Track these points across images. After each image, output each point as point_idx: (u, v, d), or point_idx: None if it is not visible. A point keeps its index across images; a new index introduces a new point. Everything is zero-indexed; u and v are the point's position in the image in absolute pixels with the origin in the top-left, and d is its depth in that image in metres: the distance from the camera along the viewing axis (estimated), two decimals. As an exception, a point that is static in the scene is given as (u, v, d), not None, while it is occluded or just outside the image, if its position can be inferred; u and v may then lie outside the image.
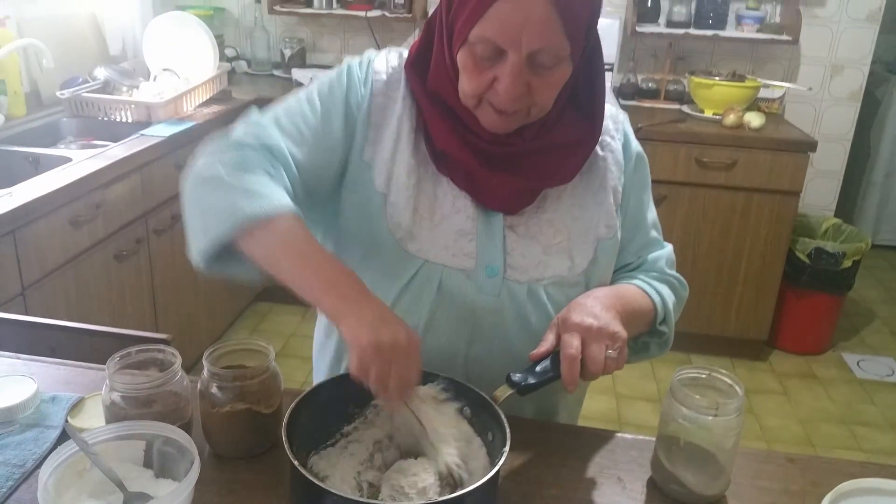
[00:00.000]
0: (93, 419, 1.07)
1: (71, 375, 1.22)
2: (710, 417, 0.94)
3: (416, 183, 1.11)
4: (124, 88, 2.99)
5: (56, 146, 2.70)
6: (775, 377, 3.39)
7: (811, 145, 3.16)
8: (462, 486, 0.91)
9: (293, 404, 0.95)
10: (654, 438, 1.04)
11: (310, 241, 0.99)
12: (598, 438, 1.12)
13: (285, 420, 0.92)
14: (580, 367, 0.97)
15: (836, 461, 1.10)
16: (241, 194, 0.98)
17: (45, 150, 2.52)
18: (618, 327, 1.01)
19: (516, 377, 1.00)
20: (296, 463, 0.85)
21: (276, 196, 0.99)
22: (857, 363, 3.53)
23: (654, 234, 1.26)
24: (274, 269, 0.98)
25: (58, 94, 2.84)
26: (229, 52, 3.87)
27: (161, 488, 0.92)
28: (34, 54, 2.83)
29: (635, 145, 1.23)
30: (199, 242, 1.01)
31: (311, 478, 0.85)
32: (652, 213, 1.26)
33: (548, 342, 1.01)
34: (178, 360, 1.02)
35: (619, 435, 1.13)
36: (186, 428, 0.99)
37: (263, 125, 1.09)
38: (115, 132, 2.72)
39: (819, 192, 3.91)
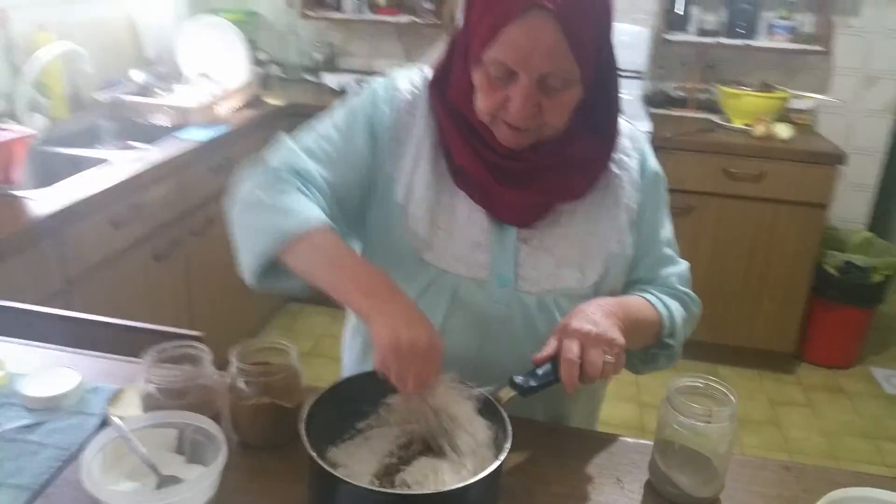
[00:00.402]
0: (130, 408, 1.14)
1: (111, 368, 1.30)
2: (704, 424, 0.99)
3: (434, 196, 1.18)
4: (160, 91, 3.09)
5: (95, 147, 2.79)
6: (801, 390, 3.40)
7: (840, 158, 3.15)
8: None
9: (312, 399, 1.01)
10: (652, 443, 1.08)
11: (343, 250, 1.07)
12: (600, 441, 1.17)
13: (304, 413, 0.98)
14: (579, 370, 1.02)
15: (831, 470, 1.14)
16: (279, 214, 1.07)
17: (85, 151, 2.61)
18: (616, 334, 1.05)
19: (518, 379, 1.05)
20: (313, 453, 0.91)
21: (310, 212, 1.08)
22: (887, 378, 3.51)
23: (667, 251, 1.29)
24: (313, 278, 1.06)
25: (96, 96, 2.95)
26: (261, 56, 3.94)
27: (191, 472, 0.99)
28: (75, 58, 2.94)
29: (652, 164, 1.27)
30: (247, 261, 1.11)
31: (325, 466, 0.91)
32: (667, 231, 1.30)
33: (550, 347, 1.06)
34: (209, 357, 1.10)
35: (620, 439, 1.18)
36: (216, 419, 1.05)
37: (295, 151, 1.18)
38: (152, 134, 2.82)
39: (851, 205, 3.88)
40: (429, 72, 1.23)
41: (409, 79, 1.24)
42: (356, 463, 1.02)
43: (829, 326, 3.49)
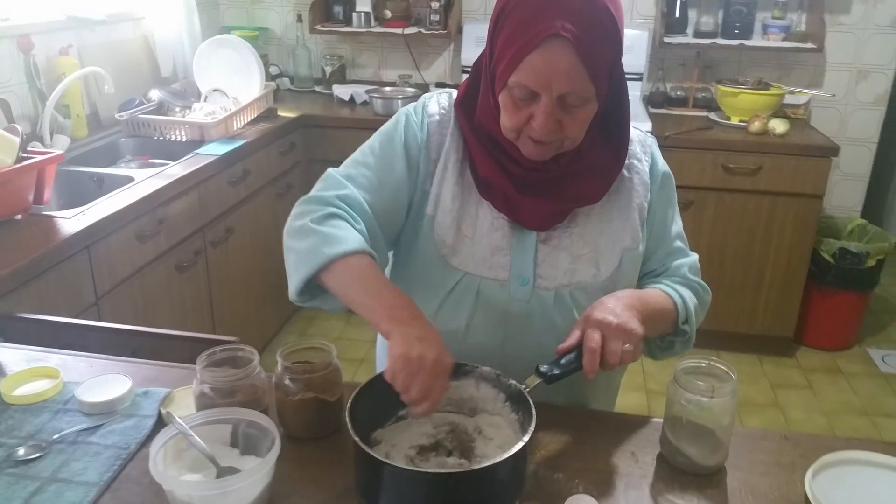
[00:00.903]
0: (181, 409, 1.24)
1: (156, 373, 1.40)
2: (708, 399, 1.09)
3: (459, 206, 1.29)
4: (177, 109, 3.19)
5: (117, 165, 2.90)
6: (801, 372, 3.50)
7: (833, 150, 3.25)
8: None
9: (356, 391, 1.12)
10: (662, 420, 1.19)
11: (377, 275, 1.17)
12: (614, 421, 1.28)
13: (349, 403, 1.08)
14: (600, 359, 1.12)
15: (826, 437, 1.25)
16: (323, 240, 1.18)
17: (108, 169, 2.71)
18: (635, 325, 1.15)
19: (543, 368, 1.15)
20: (356, 438, 1.02)
21: (351, 239, 1.18)
22: (882, 358, 3.62)
23: (678, 244, 1.40)
24: (347, 300, 1.17)
25: (116, 115, 3.05)
26: (273, 70, 4.05)
27: (246, 463, 1.08)
28: (93, 78, 3.04)
29: (661, 166, 1.38)
30: (293, 281, 1.22)
31: (365, 447, 1.01)
32: (677, 226, 1.41)
33: (573, 338, 1.16)
34: (257, 358, 1.20)
35: (633, 417, 1.29)
36: (264, 414, 1.15)
37: (339, 180, 1.28)
38: (171, 150, 2.92)
39: (845, 194, 3.99)
40: (454, 93, 1.34)
41: (438, 101, 1.35)
42: (395, 446, 1.12)
43: (827, 311, 3.60)
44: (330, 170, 1.31)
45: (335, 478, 1.11)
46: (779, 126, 3.33)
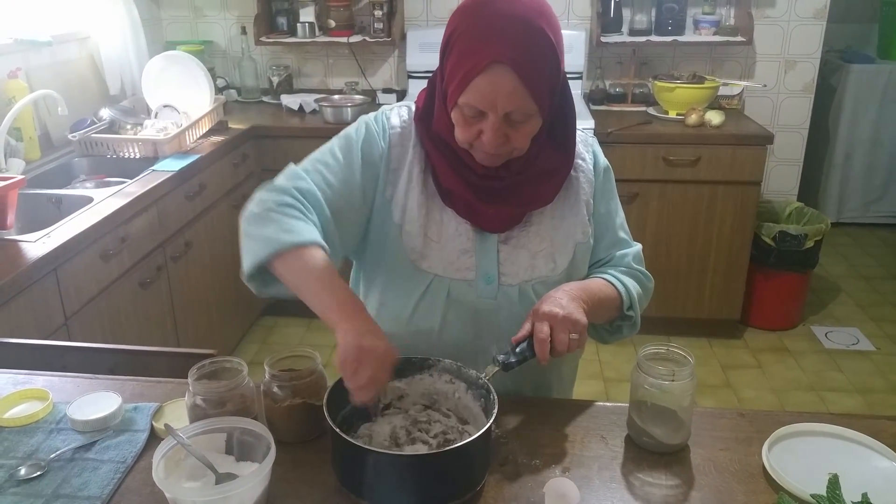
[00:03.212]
0: (172, 421, 1.28)
1: (141, 389, 1.44)
2: (669, 382, 1.19)
3: (425, 213, 1.38)
4: (128, 126, 3.19)
5: (72, 185, 2.90)
6: (749, 352, 3.66)
7: (768, 138, 3.40)
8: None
9: (330, 386, 1.19)
10: (628, 404, 1.28)
11: (329, 269, 1.23)
12: (584, 408, 1.37)
13: (325, 395, 1.17)
14: (550, 347, 1.22)
15: (778, 413, 1.37)
16: (279, 229, 1.24)
17: (66, 190, 2.72)
18: (580, 316, 1.25)
19: (500, 357, 1.25)
20: (330, 423, 1.10)
21: (306, 232, 1.24)
22: (826, 335, 3.79)
23: (621, 234, 1.51)
24: (297, 288, 1.23)
25: (69, 136, 3.05)
26: (219, 83, 4.05)
27: (243, 469, 1.14)
28: (44, 100, 3.03)
29: (602, 160, 1.49)
30: (246, 264, 1.27)
31: (339, 431, 1.09)
32: (620, 217, 1.52)
33: (524, 329, 1.26)
34: (245, 368, 1.26)
35: (600, 404, 1.38)
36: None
37: (299, 174, 1.34)
38: (125, 168, 2.94)
39: (781, 179, 4.18)
40: (413, 107, 1.42)
41: (399, 114, 1.43)
42: (372, 435, 1.21)
43: (770, 292, 3.75)
44: (291, 164, 1.38)
45: (326, 477, 1.17)
46: (715, 117, 3.47)
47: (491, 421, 1.13)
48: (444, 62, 1.28)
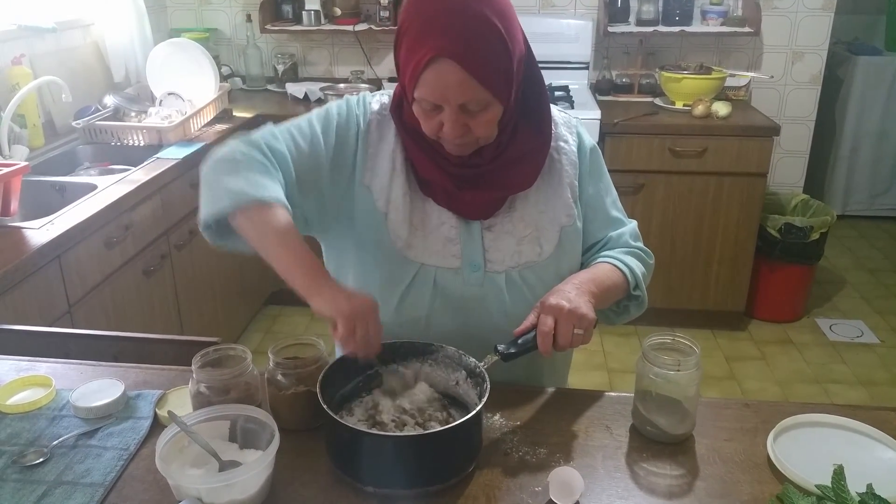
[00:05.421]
0: (176, 408, 1.28)
1: (144, 376, 1.44)
2: (674, 372, 1.19)
3: (410, 202, 1.38)
4: (133, 114, 3.19)
5: (76, 172, 2.90)
6: (754, 344, 3.65)
7: (775, 129, 3.38)
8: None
9: (326, 368, 1.21)
10: (633, 394, 1.28)
11: (292, 230, 1.23)
12: (588, 397, 1.37)
13: (319, 378, 1.18)
14: (553, 340, 1.22)
15: (783, 403, 1.36)
16: (245, 182, 1.23)
17: (69, 178, 2.72)
18: (587, 310, 1.24)
19: (501, 347, 1.25)
20: (324, 405, 1.11)
21: (272, 188, 1.24)
22: (830, 327, 3.78)
23: (614, 213, 1.50)
24: (258, 245, 1.24)
25: (73, 123, 3.05)
26: (224, 71, 4.04)
27: (246, 456, 1.14)
28: (48, 87, 3.03)
29: (588, 141, 1.48)
30: (205, 213, 1.27)
31: (332, 413, 1.11)
32: (611, 197, 1.51)
33: (529, 320, 1.26)
34: (250, 356, 1.25)
35: (606, 393, 1.38)
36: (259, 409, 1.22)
37: (274, 133, 1.35)
38: (129, 156, 2.93)
39: (787, 171, 4.16)
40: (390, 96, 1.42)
41: (380, 101, 1.43)
42: (369, 417, 1.22)
43: (775, 284, 3.74)
44: (268, 124, 1.38)
45: (330, 465, 1.17)
46: (721, 108, 3.45)
47: (481, 405, 1.13)
48: (397, 57, 1.28)
